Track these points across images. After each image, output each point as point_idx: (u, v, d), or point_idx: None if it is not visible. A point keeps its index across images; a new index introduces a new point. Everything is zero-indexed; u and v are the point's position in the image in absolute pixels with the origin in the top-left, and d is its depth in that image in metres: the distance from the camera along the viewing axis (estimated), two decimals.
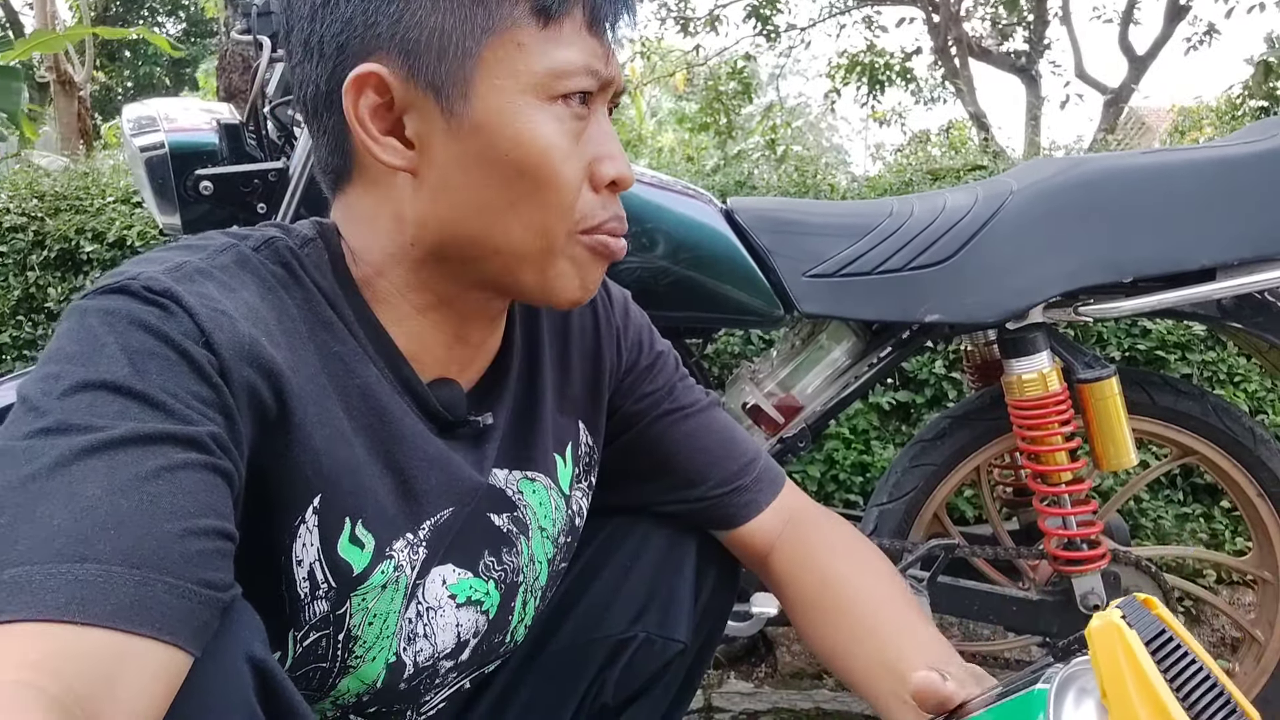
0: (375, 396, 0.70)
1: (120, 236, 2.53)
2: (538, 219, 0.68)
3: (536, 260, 0.70)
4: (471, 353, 0.78)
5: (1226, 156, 1.34)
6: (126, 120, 1.42)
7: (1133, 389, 1.44)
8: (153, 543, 0.49)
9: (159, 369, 0.55)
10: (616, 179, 0.70)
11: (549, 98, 0.66)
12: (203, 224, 1.37)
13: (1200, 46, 8.54)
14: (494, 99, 0.65)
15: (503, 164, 0.66)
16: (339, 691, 0.74)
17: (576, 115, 0.67)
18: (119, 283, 0.59)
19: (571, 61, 0.66)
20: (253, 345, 0.61)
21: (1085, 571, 1.43)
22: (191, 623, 0.50)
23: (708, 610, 0.96)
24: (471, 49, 0.64)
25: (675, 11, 9.38)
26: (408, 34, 0.65)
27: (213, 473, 0.55)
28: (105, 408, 0.53)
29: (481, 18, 0.64)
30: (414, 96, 0.66)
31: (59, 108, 7.39)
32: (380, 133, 0.67)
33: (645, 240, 1.38)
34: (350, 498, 0.68)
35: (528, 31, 0.65)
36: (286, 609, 0.68)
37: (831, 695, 2.01)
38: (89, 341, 0.56)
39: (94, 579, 0.47)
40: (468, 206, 0.68)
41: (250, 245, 0.69)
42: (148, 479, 0.51)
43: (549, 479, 0.86)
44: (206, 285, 0.62)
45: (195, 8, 15.46)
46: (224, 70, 3.32)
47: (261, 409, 0.62)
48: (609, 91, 0.70)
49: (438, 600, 0.77)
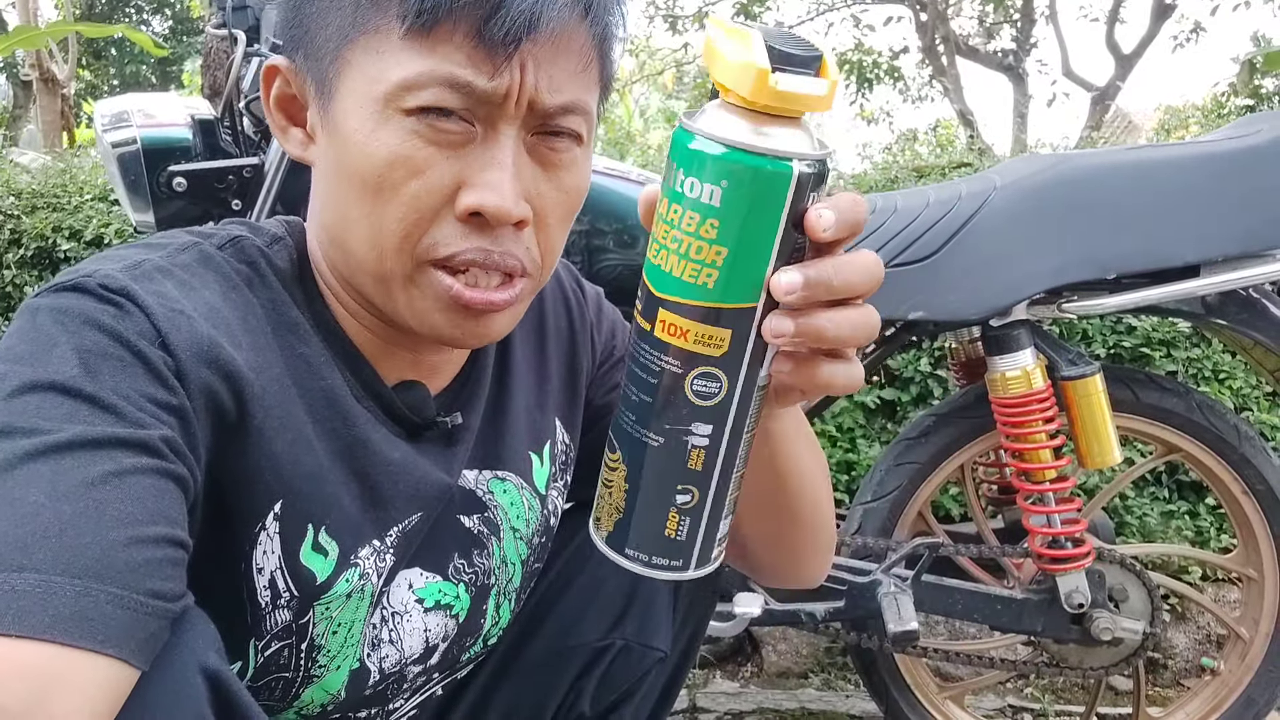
0: (339, 401, 0.69)
1: (98, 234, 2.50)
2: (372, 234, 0.63)
3: (382, 281, 0.65)
4: (436, 356, 0.76)
5: (1211, 153, 1.34)
6: (100, 115, 1.40)
7: (1117, 386, 1.44)
8: (96, 551, 0.48)
9: (111, 370, 0.54)
10: (479, 209, 0.61)
11: (400, 110, 0.60)
12: (177, 221, 1.35)
13: (1186, 45, 8.60)
14: (350, 102, 0.62)
15: (348, 170, 0.63)
16: (303, 701, 0.72)
17: (440, 130, 0.61)
18: (73, 280, 0.57)
19: (426, 74, 0.59)
20: (212, 346, 0.59)
21: (1070, 570, 1.42)
22: (137, 634, 0.48)
23: (688, 616, 0.95)
24: (337, 51, 0.63)
25: (664, 9, 9.38)
26: (303, 31, 0.65)
27: (165, 478, 0.53)
28: (53, 410, 0.51)
29: (352, 21, 0.61)
30: (305, 92, 0.67)
31: (42, 106, 7.33)
32: (288, 123, 0.69)
33: (627, 237, 1.37)
34: (313, 504, 0.66)
35: (389, 39, 0.60)
36: (247, 618, 0.66)
37: (817, 695, 2.00)
38: (39, 341, 0.54)
39: (31, 589, 0.45)
40: (330, 209, 0.67)
41: (214, 243, 0.67)
42: (94, 484, 0.49)
43: (521, 479, 0.84)
44: (165, 284, 0.60)
45: (181, 5, 15.37)
46: (208, 68, 3.28)
47: (220, 412, 0.60)
48: (508, 110, 0.61)
49: (404, 605, 0.76)
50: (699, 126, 0.52)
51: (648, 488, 0.59)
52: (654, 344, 0.56)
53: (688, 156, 0.52)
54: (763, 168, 0.51)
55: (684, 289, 0.53)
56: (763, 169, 0.51)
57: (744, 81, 0.50)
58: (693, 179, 0.52)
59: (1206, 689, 1.61)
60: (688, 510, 0.60)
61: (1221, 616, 1.63)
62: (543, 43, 0.60)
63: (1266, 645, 1.53)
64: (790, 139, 0.52)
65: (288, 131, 0.69)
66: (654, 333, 0.55)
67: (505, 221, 0.62)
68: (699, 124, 0.53)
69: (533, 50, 0.60)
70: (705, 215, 0.52)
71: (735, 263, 0.52)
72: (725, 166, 0.51)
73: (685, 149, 0.52)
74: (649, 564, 0.61)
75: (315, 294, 0.71)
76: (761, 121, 0.52)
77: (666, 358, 0.55)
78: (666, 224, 0.54)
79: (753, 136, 0.51)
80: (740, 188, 0.51)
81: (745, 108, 0.52)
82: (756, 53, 0.50)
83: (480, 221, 0.63)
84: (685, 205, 0.52)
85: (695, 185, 0.52)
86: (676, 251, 0.53)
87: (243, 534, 0.64)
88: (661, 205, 0.54)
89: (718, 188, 0.51)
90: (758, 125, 0.52)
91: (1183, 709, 1.62)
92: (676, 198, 0.53)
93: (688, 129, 0.53)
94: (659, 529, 0.60)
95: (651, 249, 0.55)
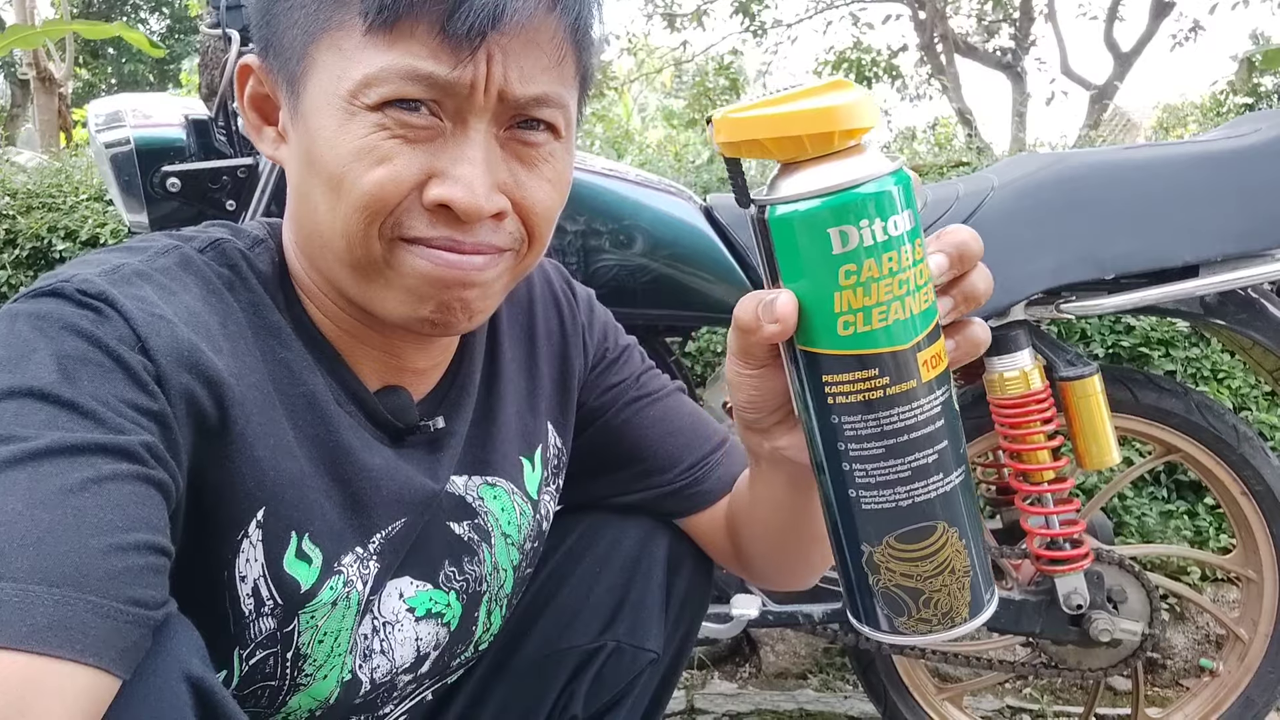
0: (320, 406, 0.68)
1: (93, 235, 2.50)
2: (342, 224, 0.62)
3: (357, 270, 0.65)
4: (419, 358, 0.76)
5: (1209, 152, 1.33)
6: (93, 116, 1.39)
7: (1116, 386, 1.43)
8: (75, 559, 0.47)
9: (90, 376, 0.53)
10: (447, 202, 0.61)
11: (364, 106, 0.60)
12: (171, 221, 1.34)
13: (1185, 43, 8.60)
14: (317, 100, 0.62)
15: (316, 167, 0.63)
16: (290, 709, 0.72)
17: (406, 124, 0.60)
18: (52, 285, 0.57)
19: (388, 69, 0.59)
20: (192, 351, 0.58)
21: (1069, 571, 1.42)
22: (117, 643, 0.47)
23: (680, 616, 0.94)
24: (303, 50, 0.62)
25: (662, 7, 9.37)
26: (272, 31, 0.65)
27: (145, 484, 0.52)
28: (31, 417, 0.51)
29: (316, 20, 0.61)
30: (277, 90, 0.67)
31: (40, 105, 7.31)
32: (261, 122, 0.69)
33: (623, 237, 1.36)
34: (295, 511, 0.66)
35: (351, 36, 0.60)
36: (231, 627, 0.65)
37: (815, 696, 2.00)
38: (17, 347, 0.54)
39: (9, 599, 0.45)
40: (302, 208, 0.66)
41: (195, 246, 0.66)
42: (73, 492, 0.49)
43: (512, 484, 0.83)
44: (144, 288, 0.59)
45: (179, 4, 15.35)
46: (205, 67, 3.28)
47: (201, 417, 0.59)
48: (476, 102, 0.61)
49: (395, 614, 0.75)
50: (864, 175, 0.53)
51: (974, 526, 0.58)
52: (929, 390, 0.54)
53: (883, 203, 0.53)
54: (907, 176, 0.54)
55: (924, 319, 0.54)
56: (908, 177, 0.54)
57: (843, 119, 0.52)
58: (895, 218, 0.53)
59: (1205, 690, 1.60)
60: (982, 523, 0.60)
61: (1220, 617, 1.63)
62: (511, 35, 0.60)
63: (1265, 646, 1.53)
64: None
65: (261, 131, 0.69)
66: (922, 380, 0.54)
67: (478, 217, 0.62)
68: (857, 174, 0.53)
69: (500, 42, 0.60)
70: (913, 240, 0.54)
71: (926, 270, 0.55)
72: (898, 190, 0.53)
73: (878, 198, 0.53)
74: (991, 599, 0.60)
75: (295, 298, 0.70)
76: (865, 149, 0.54)
77: (940, 390, 0.55)
78: (886, 279, 0.53)
79: (887, 160, 0.54)
80: (914, 196, 0.54)
81: (843, 149, 0.53)
82: (825, 98, 0.52)
83: (449, 215, 0.62)
84: (899, 246, 0.53)
85: (898, 222, 0.53)
86: (908, 294, 0.53)
87: (225, 541, 0.63)
88: (865, 271, 0.53)
89: (902, 214, 0.53)
90: (866, 152, 0.54)
91: (1181, 710, 1.61)
92: (887, 248, 0.53)
93: (852, 182, 0.53)
94: (988, 558, 0.59)
95: (873, 318, 0.53)
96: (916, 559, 0.56)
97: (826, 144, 0.52)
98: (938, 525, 0.56)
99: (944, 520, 0.56)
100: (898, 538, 0.56)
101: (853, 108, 0.52)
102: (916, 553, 0.56)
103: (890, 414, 0.54)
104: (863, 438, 0.55)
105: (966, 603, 0.58)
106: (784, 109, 0.52)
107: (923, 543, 0.56)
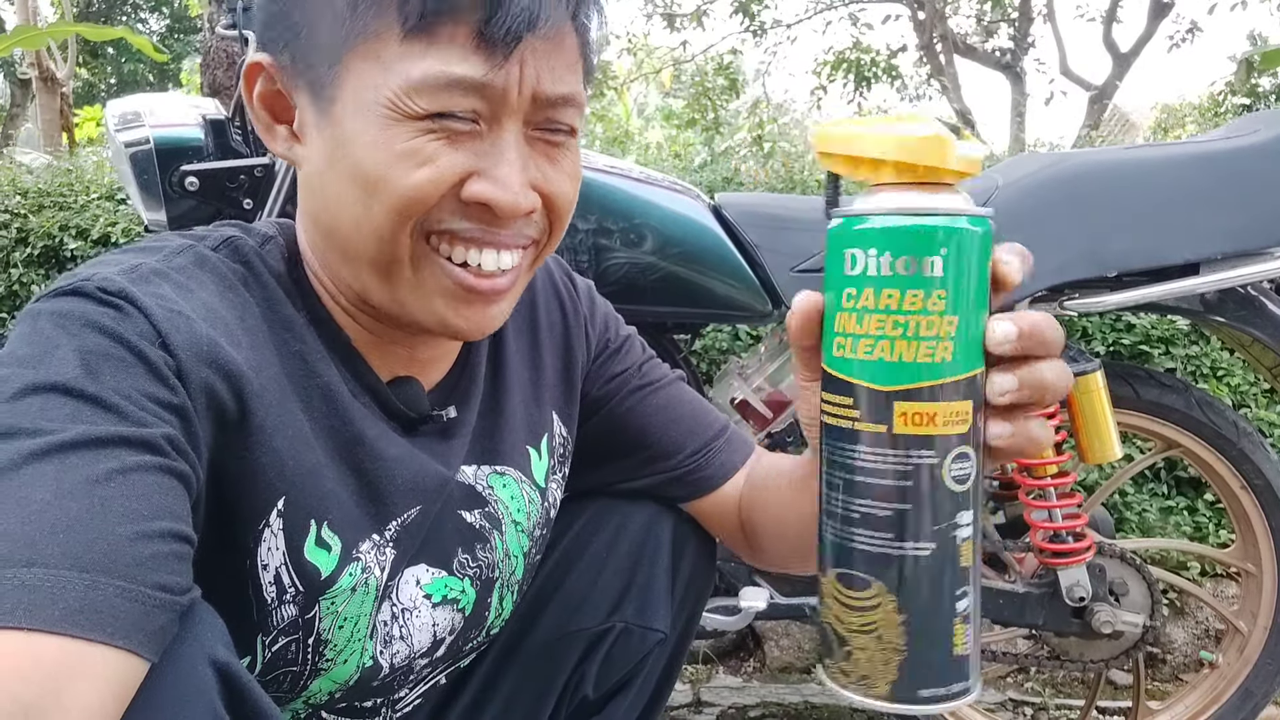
0: (336, 397, 0.70)
1: (104, 233, 2.51)
2: (372, 223, 0.64)
3: (384, 271, 0.66)
4: (430, 351, 0.78)
5: (1210, 152, 1.35)
6: (111, 115, 1.41)
7: (1117, 383, 1.45)
8: (104, 546, 0.48)
9: (113, 371, 0.54)
10: (486, 201, 0.64)
11: (407, 114, 0.61)
12: (188, 220, 1.36)
13: (1183, 44, 8.61)
14: (353, 106, 0.63)
15: (351, 170, 0.64)
16: (311, 691, 0.74)
17: (448, 129, 0.62)
18: (73, 284, 0.58)
19: (431, 77, 0.60)
20: (211, 346, 0.60)
21: (1071, 564, 1.44)
22: (145, 627, 0.48)
23: (686, 596, 0.96)
24: (336, 56, 0.63)
25: (662, 7, 9.38)
26: (292, 33, 0.66)
27: (168, 475, 0.54)
28: (56, 410, 0.52)
29: (350, 27, 0.62)
30: (297, 91, 0.67)
31: (42, 105, 7.31)
32: (273, 120, 0.69)
33: (633, 236, 1.38)
34: (314, 500, 0.68)
35: (388, 45, 0.61)
36: (254, 614, 0.67)
37: (820, 689, 2.01)
38: (41, 344, 0.55)
39: (41, 584, 0.46)
40: (326, 208, 0.67)
41: (209, 245, 0.68)
42: (99, 482, 0.50)
43: (520, 472, 0.85)
44: (163, 286, 0.61)
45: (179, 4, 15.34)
46: (208, 67, 3.29)
47: (221, 410, 0.61)
48: (511, 103, 0.63)
49: (413, 601, 0.77)
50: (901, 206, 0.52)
51: (927, 609, 0.53)
52: (896, 443, 0.52)
53: (896, 238, 0.52)
54: (975, 228, 0.52)
55: (922, 371, 0.52)
56: (975, 229, 0.52)
57: (937, 152, 0.52)
58: (906, 258, 0.52)
59: (1205, 682, 1.62)
60: (968, 614, 0.54)
61: (1220, 610, 1.64)
62: (541, 38, 0.62)
63: (1264, 639, 1.55)
64: (968, 198, 0.54)
65: (273, 129, 0.70)
66: (893, 431, 0.52)
67: (515, 215, 0.65)
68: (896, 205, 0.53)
69: (532, 44, 0.62)
70: (930, 289, 0.51)
71: (966, 328, 0.52)
72: (946, 234, 0.52)
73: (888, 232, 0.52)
74: (947, 696, 0.54)
75: (309, 291, 0.72)
76: (945, 189, 0.53)
77: (917, 452, 0.52)
78: (879, 314, 0.52)
79: (958, 202, 0.53)
80: (963, 251, 0.52)
81: (923, 181, 0.53)
82: (925, 127, 0.52)
83: (484, 210, 0.65)
84: (904, 286, 0.52)
85: (911, 263, 0.51)
86: (901, 337, 0.52)
87: (247, 531, 0.65)
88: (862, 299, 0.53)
89: (938, 258, 0.51)
90: (947, 192, 0.53)
91: (1181, 702, 1.63)
92: (888, 283, 0.52)
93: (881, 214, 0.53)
94: (948, 651, 0.54)
95: (859, 347, 0.53)
96: (849, 606, 0.55)
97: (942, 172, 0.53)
98: (873, 584, 0.54)
99: (882, 583, 0.54)
100: (838, 576, 0.55)
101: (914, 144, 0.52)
102: (850, 600, 0.55)
103: (854, 449, 0.54)
104: (832, 462, 0.55)
105: (889, 681, 0.54)
106: (915, 130, 0.53)
107: (857, 593, 0.55)
